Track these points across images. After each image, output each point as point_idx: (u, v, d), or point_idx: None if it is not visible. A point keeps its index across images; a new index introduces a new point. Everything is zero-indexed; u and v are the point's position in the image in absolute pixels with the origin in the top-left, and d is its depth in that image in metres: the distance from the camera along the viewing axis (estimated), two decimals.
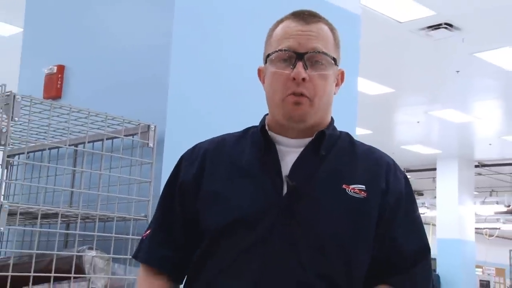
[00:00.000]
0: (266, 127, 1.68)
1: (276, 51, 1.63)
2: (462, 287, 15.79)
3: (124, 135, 2.69)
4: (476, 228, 18.04)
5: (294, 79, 1.58)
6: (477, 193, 18.29)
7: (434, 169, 17.00)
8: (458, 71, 10.50)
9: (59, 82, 3.24)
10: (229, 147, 1.72)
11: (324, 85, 1.62)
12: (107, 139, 2.72)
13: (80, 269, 2.44)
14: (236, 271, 1.57)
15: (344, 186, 1.60)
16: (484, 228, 23.10)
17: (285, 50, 1.61)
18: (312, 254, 1.55)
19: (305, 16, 1.65)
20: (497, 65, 10.08)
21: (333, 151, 1.66)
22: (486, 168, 17.44)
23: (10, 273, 2.27)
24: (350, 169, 1.65)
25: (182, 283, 1.72)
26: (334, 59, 1.65)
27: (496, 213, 19.82)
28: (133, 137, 2.71)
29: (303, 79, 1.57)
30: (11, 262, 2.33)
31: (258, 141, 1.67)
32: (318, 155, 1.64)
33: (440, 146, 15.87)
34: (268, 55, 1.66)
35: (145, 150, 2.70)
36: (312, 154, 1.64)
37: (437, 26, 8.80)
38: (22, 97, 2.37)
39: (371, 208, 1.61)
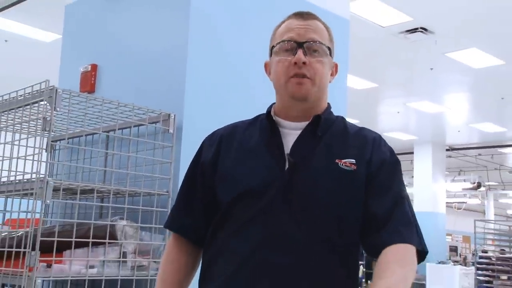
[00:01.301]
0: (273, 113, 1.68)
1: (279, 42, 1.63)
2: (435, 252, 15.78)
3: (149, 123, 2.70)
4: (446, 202, 18.03)
5: (295, 63, 1.57)
6: (447, 172, 18.28)
7: (412, 153, 16.97)
8: (431, 69, 10.47)
9: (92, 79, 3.25)
10: (240, 132, 1.72)
11: (322, 68, 1.61)
12: (134, 126, 2.74)
13: (113, 236, 2.47)
14: (243, 235, 1.57)
15: (337, 161, 1.59)
16: (453, 202, 23.07)
17: (287, 41, 1.61)
18: (307, 219, 1.55)
19: (303, 14, 1.66)
20: (465, 63, 10.04)
21: (329, 132, 1.65)
22: (455, 151, 17.42)
23: (56, 239, 2.29)
24: (342, 146, 1.63)
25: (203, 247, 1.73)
26: (329, 48, 1.64)
27: (464, 189, 19.77)
28: (156, 125, 2.72)
29: (304, 63, 1.57)
30: (56, 230, 2.36)
31: (264, 125, 1.67)
32: (315, 135, 1.63)
33: (416, 133, 15.86)
34: (273, 47, 1.66)
35: (166, 135, 2.71)
36: (310, 135, 1.63)
37: (413, 30, 8.77)
38: (63, 91, 2.38)
39: (359, 178, 1.59)
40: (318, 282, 1.52)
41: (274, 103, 1.72)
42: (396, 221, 1.55)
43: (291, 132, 1.64)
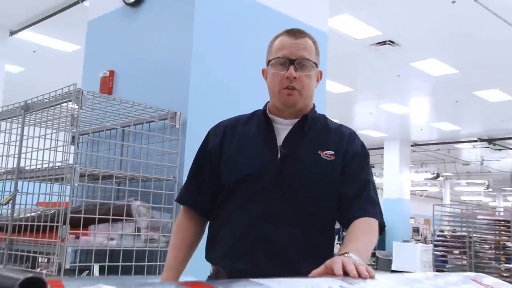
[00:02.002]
0: (267, 111, 1.72)
1: (275, 58, 1.66)
2: (400, 233, 15.88)
3: (158, 119, 2.72)
4: (411, 190, 18.09)
5: (287, 77, 1.62)
6: (412, 165, 18.30)
7: (382, 148, 16.96)
8: (398, 76, 10.54)
9: (110, 83, 3.23)
10: (241, 125, 1.75)
11: (308, 81, 1.65)
12: (146, 122, 2.76)
13: (129, 214, 2.49)
14: (243, 211, 1.63)
15: (319, 152, 1.65)
16: (416, 190, 23.17)
17: (281, 57, 1.65)
18: (296, 200, 1.62)
19: (295, 33, 1.68)
20: (426, 72, 10.12)
21: (314, 128, 1.70)
22: (418, 146, 17.47)
23: (82, 215, 2.33)
24: (324, 140, 1.68)
25: (208, 219, 1.77)
26: (315, 63, 1.67)
27: (425, 179, 19.83)
28: (164, 121, 2.73)
29: (294, 78, 1.62)
30: (82, 208, 2.38)
31: (261, 121, 1.71)
32: (303, 131, 1.68)
33: (386, 130, 15.89)
34: (270, 61, 1.69)
35: (173, 130, 2.72)
36: (299, 130, 1.68)
37: (382, 43, 8.83)
38: (87, 92, 2.41)
39: (337, 167, 1.65)
40: (304, 253, 1.59)
41: (268, 101, 1.75)
42: (364, 201, 1.62)
43: (283, 127, 1.69)
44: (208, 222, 1.78)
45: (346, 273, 1.21)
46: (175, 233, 1.77)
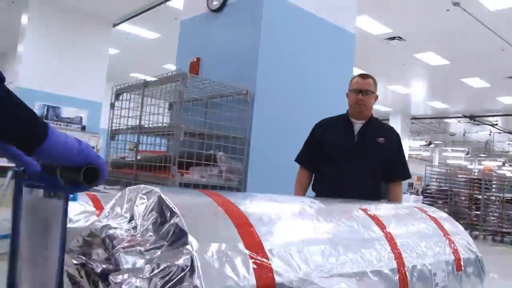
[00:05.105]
0: (348, 115, 2.21)
1: (353, 89, 2.20)
2: None
3: (235, 95, 2.77)
4: (409, 154, 17.97)
5: (358, 99, 2.14)
6: (410, 134, 18.14)
7: (388, 120, 16.78)
8: (403, 64, 10.42)
9: (197, 66, 3.25)
10: (333, 123, 2.27)
11: (369, 101, 2.18)
12: (226, 96, 2.81)
13: (215, 161, 2.59)
14: (334, 169, 2.12)
15: (376, 139, 2.14)
16: (413, 154, 22.94)
17: (356, 89, 2.18)
18: (363, 163, 2.10)
19: (363, 76, 2.23)
20: (425, 61, 9.98)
21: (373, 126, 2.19)
22: (416, 120, 17.26)
23: (185, 160, 2.47)
24: (379, 132, 2.18)
25: (313, 172, 2.28)
26: (373, 92, 2.17)
27: (420, 145, 19.66)
28: (239, 96, 2.79)
29: (362, 99, 2.13)
30: (185, 155, 2.48)
31: (345, 120, 2.19)
32: (368, 127, 2.17)
33: (391, 106, 15.73)
34: (350, 90, 2.24)
35: (245, 102, 2.78)
36: (366, 126, 2.17)
37: (392, 38, 8.74)
38: (190, 75, 2.50)
39: (386, 147, 2.15)
40: (363, 194, 1.98)
41: (348, 109, 2.25)
42: (400, 168, 2.22)
43: (357, 125, 2.19)
44: (314, 174, 2.27)
45: None
46: (296, 182, 2.26)
